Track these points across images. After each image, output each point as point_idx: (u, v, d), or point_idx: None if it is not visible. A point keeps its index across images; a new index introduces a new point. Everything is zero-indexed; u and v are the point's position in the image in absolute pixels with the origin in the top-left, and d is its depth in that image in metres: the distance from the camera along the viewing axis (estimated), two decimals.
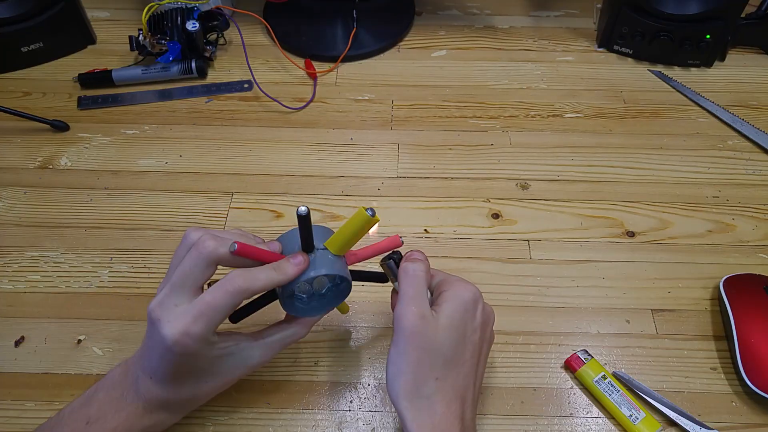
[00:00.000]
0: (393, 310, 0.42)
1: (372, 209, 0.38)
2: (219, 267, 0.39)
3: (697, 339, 0.52)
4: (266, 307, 0.44)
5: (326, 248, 0.41)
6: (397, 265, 0.42)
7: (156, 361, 0.38)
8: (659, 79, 0.74)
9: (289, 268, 0.39)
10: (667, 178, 0.63)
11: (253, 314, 0.44)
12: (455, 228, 0.59)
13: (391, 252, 0.43)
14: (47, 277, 0.55)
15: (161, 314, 0.37)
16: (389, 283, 0.45)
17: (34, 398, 0.48)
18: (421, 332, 0.38)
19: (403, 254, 0.43)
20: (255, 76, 0.71)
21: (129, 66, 0.72)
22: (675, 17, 0.70)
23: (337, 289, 0.44)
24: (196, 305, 0.37)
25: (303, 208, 0.37)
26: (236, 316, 0.43)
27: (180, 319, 0.36)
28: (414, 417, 0.37)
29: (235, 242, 0.37)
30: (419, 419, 0.37)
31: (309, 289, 0.43)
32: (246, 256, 0.38)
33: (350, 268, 0.43)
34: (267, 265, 0.39)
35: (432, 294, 0.42)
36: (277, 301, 0.42)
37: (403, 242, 0.44)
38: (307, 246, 0.40)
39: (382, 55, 0.76)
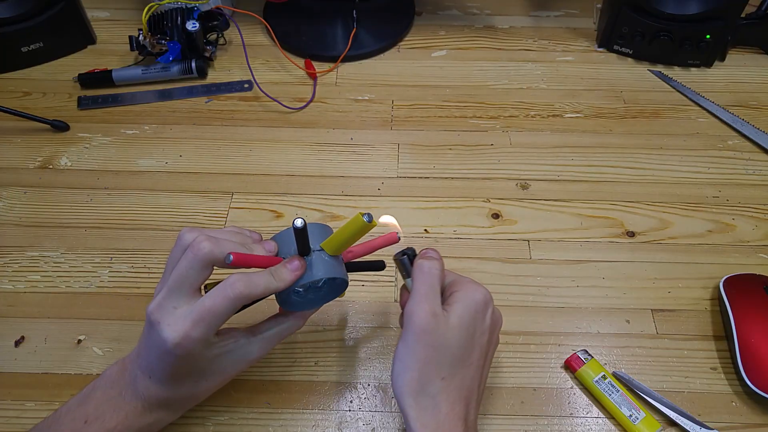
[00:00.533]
0: (402, 306, 0.42)
1: (369, 215, 0.37)
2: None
3: (697, 339, 0.52)
4: (263, 301, 0.44)
5: (323, 249, 0.41)
6: (411, 261, 0.42)
7: (155, 361, 0.38)
8: (659, 79, 0.74)
9: (286, 274, 0.39)
10: (667, 178, 0.63)
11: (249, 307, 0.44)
12: (455, 228, 0.59)
13: (405, 248, 0.43)
14: (47, 277, 0.55)
15: (161, 317, 0.37)
16: (384, 272, 0.45)
17: (34, 398, 0.48)
18: (432, 330, 0.38)
19: (417, 251, 0.43)
20: (255, 76, 0.71)
21: (129, 66, 0.72)
22: (675, 17, 0.70)
23: (333, 284, 0.44)
24: (195, 309, 0.37)
25: (299, 222, 0.37)
26: None
27: (180, 322, 0.37)
28: (418, 416, 0.37)
29: (230, 254, 0.37)
30: (423, 418, 0.37)
31: (306, 284, 0.43)
32: (242, 266, 0.38)
33: (345, 262, 0.43)
34: (265, 270, 0.39)
35: (443, 294, 0.42)
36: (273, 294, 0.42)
37: (400, 239, 0.44)
38: (304, 251, 0.40)
39: (382, 55, 0.76)
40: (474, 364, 0.40)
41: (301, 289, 0.43)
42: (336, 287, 0.44)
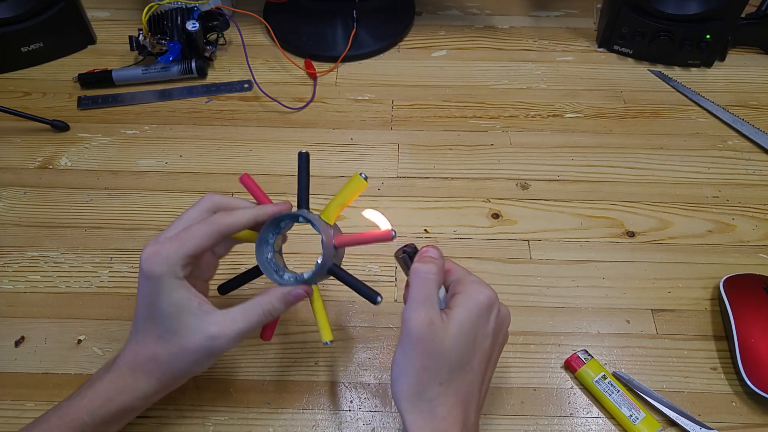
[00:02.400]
0: (405, 301, 0.41)
1: (364, 174, 0.42)
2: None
3: (697, 339, 0.52)
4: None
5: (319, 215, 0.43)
6: (411, 258, 0.41)
7: (137, 304, 0.40)
8: (659, 79, 0.74)
9: (269, 207, 0.42)
10: (667, 178, 0.63)
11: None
12: (455, 228, 0.59)
13: (405, 245, 0.42)
14: (47, 277, 0.55)
15: (147, 245, 0.40)
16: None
17: (34, 398, 0.48)
18: (428, 338, 0.37)
19: (419, 247, 0.42)
20: (255, 76, 0.71)
21: (129, 66, 0.72)
22: (675, 17, 0.70)
23: (321, 272, 0.42)
24: (176, 233, 0.40)
25: (305, 151, 0.44)
26: (224, 288, 0.45)
27: (157, 243, 0.39)
28: (414, 420, 0.37)
29: (244, 174, 0.43)
30: (419, 422, 0.37)
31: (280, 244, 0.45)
32: (247, 188, 0.44)
33: (344, 266, 0.43)
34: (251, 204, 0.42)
35: (447, 291, 0.41)
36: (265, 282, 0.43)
37: (395, 236, 0.42)
38: (301, 193, 0.44)
39: (382, 55, 0.76)
40: (475, 369, 0.39)
41: (286, 275, 0.43)
42: (320, 269, 0.42)
